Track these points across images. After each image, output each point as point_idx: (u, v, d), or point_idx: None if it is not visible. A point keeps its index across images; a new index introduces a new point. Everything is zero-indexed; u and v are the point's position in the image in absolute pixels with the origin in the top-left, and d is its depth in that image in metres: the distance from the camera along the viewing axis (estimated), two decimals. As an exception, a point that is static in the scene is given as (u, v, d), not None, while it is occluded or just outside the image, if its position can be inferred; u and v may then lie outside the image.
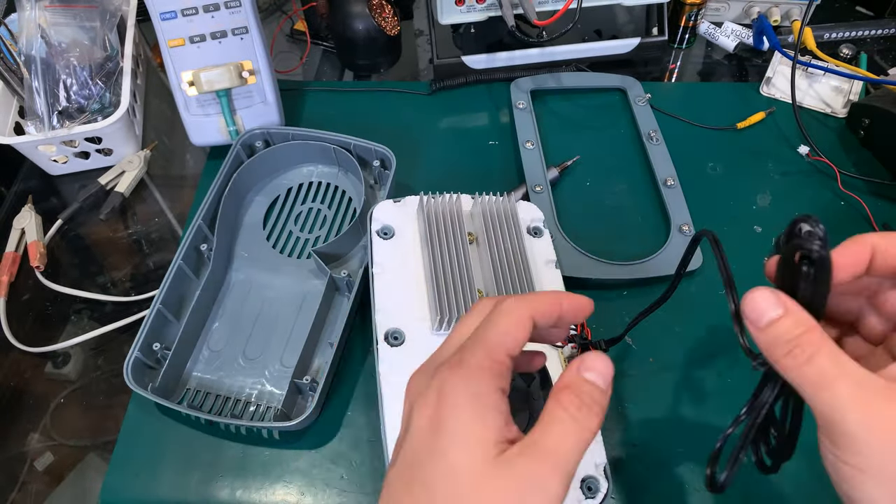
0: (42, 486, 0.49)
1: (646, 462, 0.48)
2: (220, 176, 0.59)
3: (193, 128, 0.64)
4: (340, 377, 0.52)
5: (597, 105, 0.72)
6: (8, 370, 0.55)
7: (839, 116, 0.69)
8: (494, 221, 0.51)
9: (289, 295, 0.56)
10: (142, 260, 0.62)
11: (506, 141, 0.68)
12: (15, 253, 0.61)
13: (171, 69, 0.62)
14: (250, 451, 0.49)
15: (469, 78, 0.72)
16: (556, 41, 0.67)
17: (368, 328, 0.52)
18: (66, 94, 0.63)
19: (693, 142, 0.68)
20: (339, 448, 0.49)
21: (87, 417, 0.52)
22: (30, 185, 0.68)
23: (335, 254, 0.57)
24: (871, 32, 0.78)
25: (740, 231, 0.61)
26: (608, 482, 0.41)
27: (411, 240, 0.51)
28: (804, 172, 0.65)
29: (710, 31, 0.76)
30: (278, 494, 0.48)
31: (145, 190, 0.67)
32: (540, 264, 0.52)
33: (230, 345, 0.54)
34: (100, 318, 0.57)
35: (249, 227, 0.60)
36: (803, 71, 0.71)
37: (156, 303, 0.52)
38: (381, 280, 0.49)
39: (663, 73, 0.76)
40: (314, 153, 0.63)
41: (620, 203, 0.63)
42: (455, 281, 0.47)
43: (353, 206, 0.62)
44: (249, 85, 0.63)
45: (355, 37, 0.72)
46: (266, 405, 0.51)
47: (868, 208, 0.61)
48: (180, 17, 0.60)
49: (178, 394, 0.51)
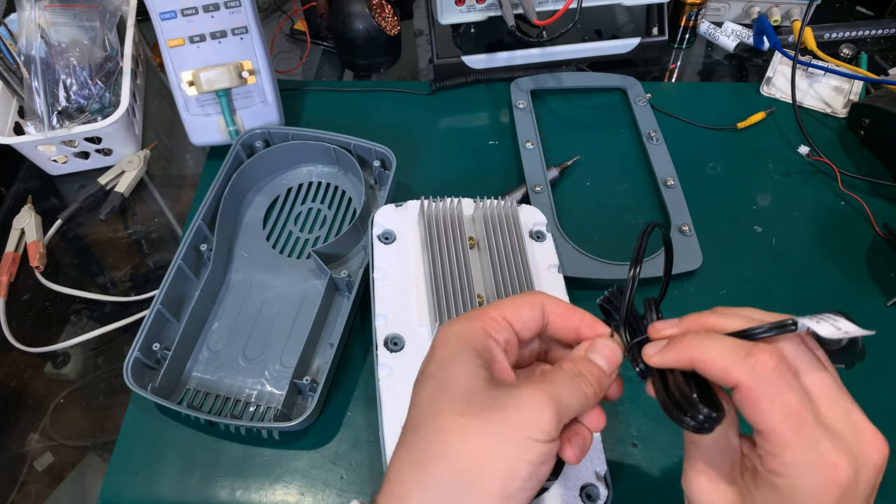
0: (42, 486, 0.49)
1: (646, 462, 0.48)
2: (220, 176, 0.59)
3: (193, 128, 0.64)
4: (340, 377, 0.52)
5: (597, 105, 0.72)
6: (8, 370, 0.55)
7: (839, 116, 0.69)
8: (496, 225, 0.51)
9: (289, 295, 0.56)
10: (141, 260, 0.62)
11: (506, 141, 0.68)
12: (15, 253, 0.61)
13: (170, 69, 0.62)
14: (250, 452, 0.49)
15: (469, 78, 0.72)
16: (556, 41, 0.67)
17: (368, 328, 0.52)
18: (66, 94, 0.63)
19: (693, 142, 0.68)
20: (339, 448, 0.49)
21: (86, 417, 0.52)
22: (29, 185, 0.68)
23: (335, 254, 0.57)
24: (872, 32, 0.77)
25: (740, 231, 0.61)
26: (609, 490, 0.41)
27: (412, 245, 0.51)
28: (804, 172, 0.65)
29: (710, 30, 0.76)
30: (278, 495, 0.48)
31: (145, 190, 0.67)
32: (542, 268, 0.52)
33: (230, 345, 0.54)
34: (99, 319, 0.57)
35: (249, 227, 0.60)
36: (803, 71, 0.71)
37: (155, 303, 0.52)
38: (382, 285, 0.49)
39: (663, 73, 0.76)
40: (314, 153, 0.63)
41: (620, 203, 0.63)
42: (455, 286, 0.47)
43: (353, 207, 0.61)
44: (249, 85, 0.63)
45: (355, 37, 0.72)
46: (266, 405, 0.51)
47: (868, 208, 0.61)
48: (180, 16, 0.60)
49: (178, 394, 0.51)
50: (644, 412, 0.50)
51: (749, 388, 0.27)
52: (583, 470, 0.42)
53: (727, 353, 0.28)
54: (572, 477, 0.41)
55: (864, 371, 0.52)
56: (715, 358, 0.28)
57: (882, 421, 0.28)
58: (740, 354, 0.27)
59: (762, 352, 0.27)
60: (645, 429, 0.50)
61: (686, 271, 0.57)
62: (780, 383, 0.27)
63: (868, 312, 0.55)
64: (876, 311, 0.55)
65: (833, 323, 0.27)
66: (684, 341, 0.29)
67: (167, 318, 0.53)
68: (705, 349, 0.28)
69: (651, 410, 0.50)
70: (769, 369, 0.27)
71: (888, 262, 0.58)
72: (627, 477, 0.48)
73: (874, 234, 0.60)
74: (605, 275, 0.56)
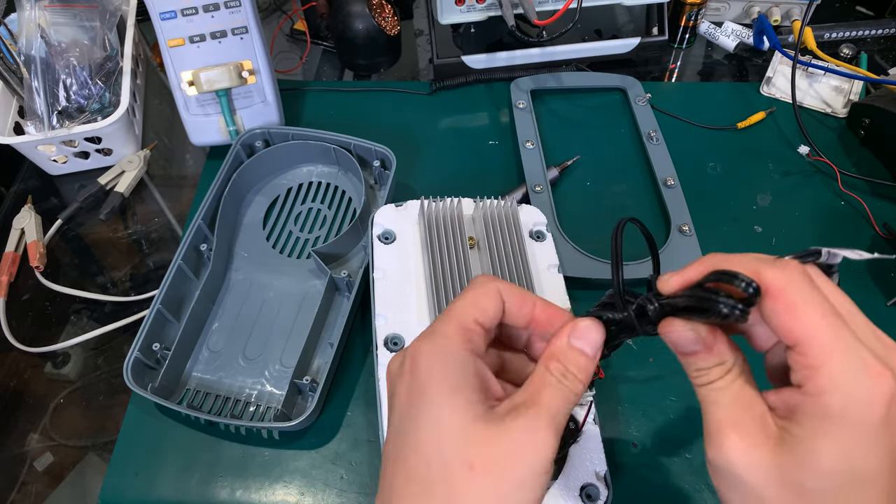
0: (42, 486, 0.49)
1: (646, 462, 0.48)
2: (220, 176, 0.59)
3: (193, 128, 0.64)
4: (340, 377, 0.52)
5: (597, 105, 0.72)
6: (8, 370, 0.55)
7: (839, 116, 0.69)
8: (496, 225, 0.51)
9: (288, 295, 0.56)
10: (141, 260, 0.62)
11: (506, 141, 0.68)
12: (15, 253, 0.61)
13: (170, 69, 0.62)
14: (250, 452, 0.49)
15: (469, 78, 0.72)
16: (556, 41, 0.67)
17: (368, 328, 0.52)
18: (66, 94, 0.63)
19: (693, 142, 0.68)
20: (339, 448, 0.49)
21: (86, 417, 0.52)
22: (29, 184, 0.68)
23: (335, 254, 0.57)
24: (872, 32, 0.77)
25: (741, 231, 0.61)
26: (609, 490, 0.41)
27: (412, 245, 0.51)
28: (804, 172, 0.65)
29: (710, 30, 0.76)
30: (278, 495, 0.48)
31: (145, 190, 0.67)
32: (541, 268, 0.52)
33: (230, 345, 0.54)
34: (99, 318, 0.57)
35: (249, 227, 0.60)
36: (804, 71, 0.71)
37: (155, 303, 0.52)
38: (382, 285, 0.49)
39: (663, 72, 0.76)
40: (314, 153, 0.63)
41: (620, 203, 0.63)
42: (455, 286, 0.47)
43: (353, 207, 0.61)
44: (249, 85, 0.63)
45: (355, 37, 0.72)
46: (266, 405, 0.51)
47: (868, 208, 0.61)
48: (180, 16, 0.60)
49: (178, 394, 0.51)
50: (644, 412, 0.50)
51: (781, 289, 0.25)
52: (583, 470, 0.42)
53: (754, 258, 0.26)
54: (572, 477, 0.41)
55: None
56: (742, 262, 0.26)
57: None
58: (768, 261, 0.26)
59: (789, 260, 0.26)
60: (645, 429, 0.50)
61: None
62: (811, 287, 0.25)
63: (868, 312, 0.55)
64: (876, 311, 0.55)
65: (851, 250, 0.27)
66: (704, 259, 0.27)
67: (167, 318, 0.53)
68: (729, 259, 0.26)
69: (651, 411, 0.50)
70: (799, 272, 0.25)
71: (888, 262, 0.58)
72: (627, 477, 0.48)
73: (874, 234, 0.60)
74: (605, 275, 0.56)
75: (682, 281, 0.28)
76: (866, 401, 0.24)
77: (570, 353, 0.30)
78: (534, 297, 0.32)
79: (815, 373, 0.25)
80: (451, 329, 0.30)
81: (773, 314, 0.25)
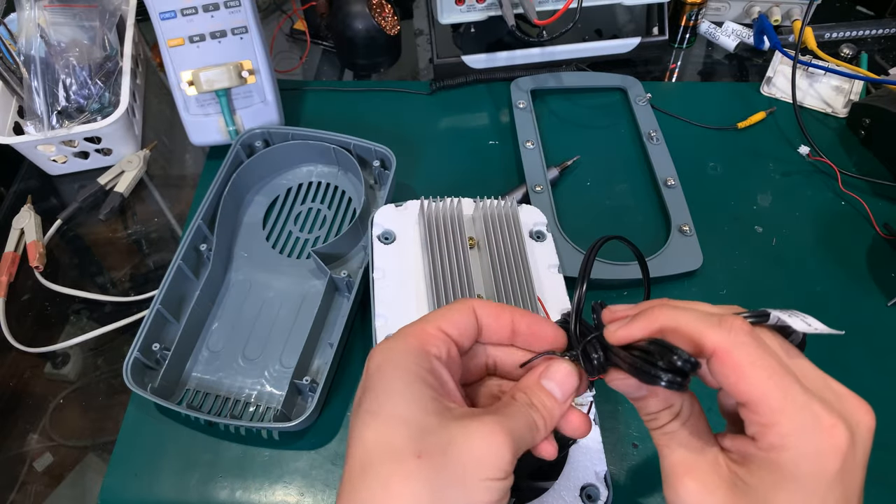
0: (42, 486, 0.49)
1: (646, 462, 0.48)
2: (220, 176, 0.59)
3: (193, 127, 0.64)
4: (340, 377, 0.52)
5: (597, 105, 0.72)
6: (7, 370, 0.55)
7: (840, 116, 0.69)
8: (496, 225, 0.51)
9: (288, 295, 0.56)
10: (141, 260, 0.62)
11: (506, 141, 0.68)
12: (14, 253, 0.61)
13: (170, 69, 0.62)
14: (250, 452, 0.49)
15: (469, 78, 0.72)
16: (556, 41, 0.67)
17: (368, 328, 0.52)
18: (66, 94, 0.63)
19: (693, 142, 0.68)
20: (339, 448, 0.49)
21: (86, 418, 0.52)
22: (29, 185, 0.68)
23: (335, 254, 0.57)
24: (872, 32, 0.77)
25: (741, 231, 0.61)
26: (609, 490, 0.41)
27: (412, 245, 0.51)
28: (805, 172, 0.65)
29: (710, 30, 0.76)
30: (278, 495, 0.47)
31: (145, 190, 0.67)
32: (542, 268, 0.52)
33: (230, 345, 0.54)
34: (99, 319, 0.57)
35: (249, 227, 0.60)
36: (804, 71, 0.71)
37: (155, 303, 0.52)
38: (382, 285, 0.49)
39: (664, 72, 0.76)
40: (314, 153, 0.63)
41: (620, 203, 0.63)
42: (455, 286, 0.47)
43: (353, 207, 0.61)
44: (249, 84, 0.63)
45: (355, 36, 0.72)
46: (266, 406, 0.51)
47: (868, 208, 0.61)
48: (180, 16, 0.60)
49: (178, 394, 0.51)
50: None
51: (727, 352, 0.25)
52: (583, 470, 0.42)
53: (700, 318, 0.26)
54: (572, 477, 0.41)
55: (865, 371, 0.52)
56: (688, 322, 0.26)
57: (882, 420, 0.28)
58: (713, 321, 0.26)
59: (734, 319, 0.26)
60: (645, 429, 0.49)
61: (686, 271, 0.57)
62: (757, 346, 0.25)
63: (868, 312, 0.55)
64: (876, 311, 0.55)
65: (803, 319, 0.27)
66: (652, 312, 0.27)
67: (167, 319, 0.53)
68: (676, 316, 0.26)
69: (651, 410, 0.50)
70: (745, 332, 0.25)
71: (888, 262, 0.58)
72: (627, 477, 0.48)
73: (874, 234, 0.60)
74: (605, 275, 0.56)
75: (628, 336, 0.28)
76: (819, 455, 0.24)
77: (537, 391, 0.30)
78: (511, 308, 0.31)
79: (767, 430, 0.25)
80: (411, 330, 0.30)
81: (721, 376, 0.26)
